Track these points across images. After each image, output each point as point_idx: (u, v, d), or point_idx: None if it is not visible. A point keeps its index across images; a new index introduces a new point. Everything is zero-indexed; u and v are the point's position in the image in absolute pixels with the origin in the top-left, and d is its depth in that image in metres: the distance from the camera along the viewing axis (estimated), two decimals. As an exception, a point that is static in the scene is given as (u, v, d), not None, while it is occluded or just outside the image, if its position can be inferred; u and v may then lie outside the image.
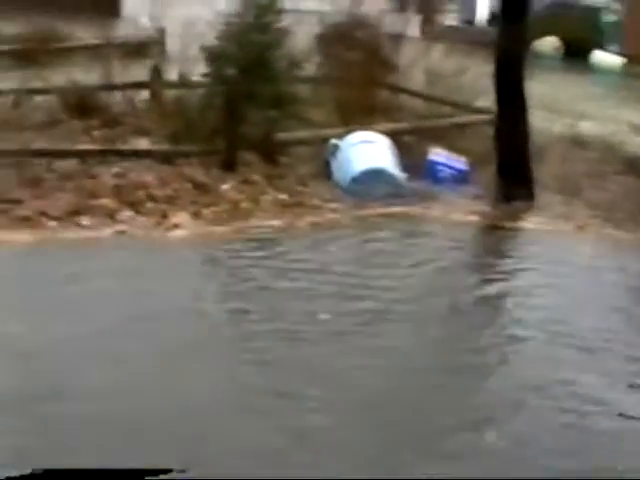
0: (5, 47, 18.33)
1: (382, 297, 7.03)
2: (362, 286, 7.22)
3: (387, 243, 8.56)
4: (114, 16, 26.46)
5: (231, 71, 11.47)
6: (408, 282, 7.47)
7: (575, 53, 23.70)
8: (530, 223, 9.69)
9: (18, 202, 8.88)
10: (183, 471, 3.30)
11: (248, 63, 11.41)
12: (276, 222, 8.90)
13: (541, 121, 11.91)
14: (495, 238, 9.37)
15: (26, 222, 8.53)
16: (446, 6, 28.18)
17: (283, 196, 9.64)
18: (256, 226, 8.75)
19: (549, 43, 24.04)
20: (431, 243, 8.69)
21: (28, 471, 2.66)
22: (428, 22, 24.73)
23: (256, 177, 10.04)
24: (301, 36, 12.56)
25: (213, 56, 11.75)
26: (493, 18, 22.61)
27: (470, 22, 27.04)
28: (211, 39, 11.80)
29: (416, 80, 13.18)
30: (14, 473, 2.60)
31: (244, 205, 9.20)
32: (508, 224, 9.56)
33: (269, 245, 8.28)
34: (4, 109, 11.64)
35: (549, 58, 22.84)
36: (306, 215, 9.19)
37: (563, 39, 24.27)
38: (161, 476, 2.85)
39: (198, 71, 12.62)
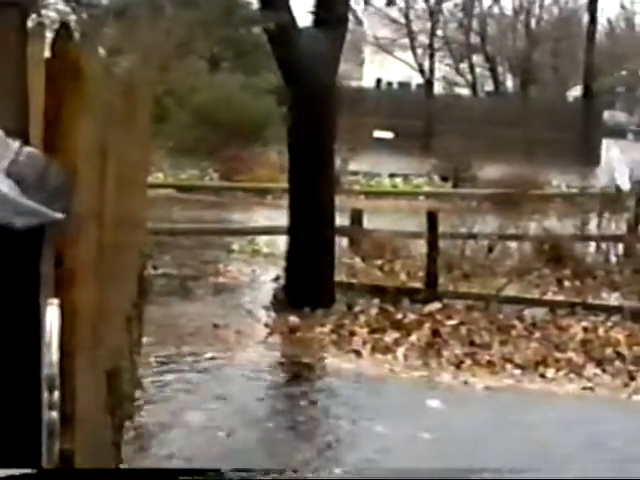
0: (485, 191, 19.02)
1: None
2: None
3: None
4: (594, 164, 26.62)
5: None
6: None
7: None
8: None
9: (485, 347, 8.98)
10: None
11: None
12: None
13: None
14: None
15: (490, 367, 8.58)
16: None
17: None
18: None
19: None
20: None
21: (28, 470, 2.55)
22: None
23: None
24: None
25: None
26: None
27: None
28: None
29: None
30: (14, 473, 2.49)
31: None
32: None
33: None
34: (480, 254, 11.94)
35: None
36: None
37: None
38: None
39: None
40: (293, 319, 9.48)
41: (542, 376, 8.43)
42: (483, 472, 3.42)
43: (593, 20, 39.35)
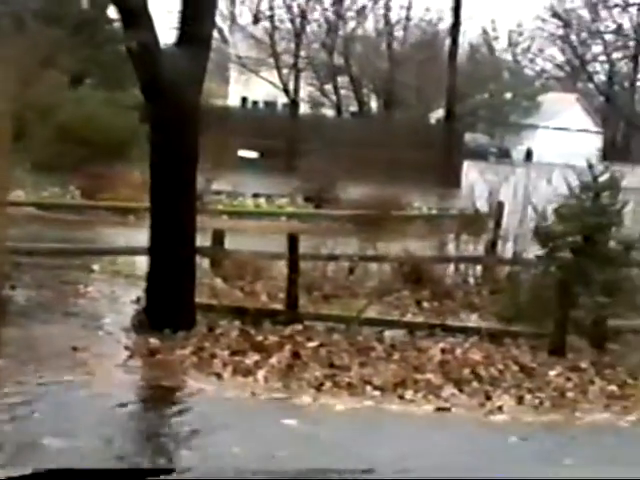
0: (347, 212, 19.19)
1: None
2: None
3: None
4: (454, 187, 27.06)
5: (564, 253, 11.40)
6: None
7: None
8: None
9: (345, 369, 9.05)
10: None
11: (582, 246, 11.31)
12: (601, 416, 8.54)
13: None
14: None
15: (350, 389, 8.65)
16: None
17: (612, 387, 9.29)
18: (580, 418, 8.45)
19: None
20: None
21: (29, 471, 2.57)
22: None
23: (584, 365, 9.76)
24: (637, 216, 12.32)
25: (546, 237, 11.72)
26: None
27: None
28: (546, 219, 11.80)
29: None
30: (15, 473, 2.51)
31: (570, 394, 8.93)
32: None
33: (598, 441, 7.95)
34: (341, 275, 12.05)
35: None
36: (634, 410, 8.78)
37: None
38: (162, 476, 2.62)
39: (532, 249, 12.63)
40: (154, 341, 9.39)
41: (401, 397, 8.53)
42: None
43: (455, 43, 40.18)
